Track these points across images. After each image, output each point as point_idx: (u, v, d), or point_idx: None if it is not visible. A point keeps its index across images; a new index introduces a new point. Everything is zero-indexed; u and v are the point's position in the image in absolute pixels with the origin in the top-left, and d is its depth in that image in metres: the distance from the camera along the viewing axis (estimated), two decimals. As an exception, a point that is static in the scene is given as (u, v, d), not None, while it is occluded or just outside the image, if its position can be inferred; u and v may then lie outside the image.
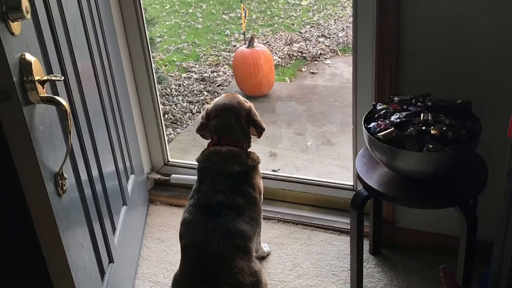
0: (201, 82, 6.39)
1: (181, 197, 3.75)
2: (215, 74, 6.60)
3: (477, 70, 2.61)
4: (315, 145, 4.76)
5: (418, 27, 2.63)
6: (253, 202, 2.67)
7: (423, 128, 2.29)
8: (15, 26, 1.59)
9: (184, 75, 6.59)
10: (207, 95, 6.04)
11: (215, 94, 6.07)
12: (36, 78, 1.66)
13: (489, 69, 2.59)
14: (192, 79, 6.48)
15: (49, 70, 1.95)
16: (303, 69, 6.58)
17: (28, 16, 1.60)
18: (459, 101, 2.45)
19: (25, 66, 1.63)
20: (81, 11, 2.50)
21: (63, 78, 1.87)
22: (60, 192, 1.88)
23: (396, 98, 2.56)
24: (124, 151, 3.12)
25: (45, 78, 1.72)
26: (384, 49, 2.72)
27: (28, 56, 1.65)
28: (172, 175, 3.84)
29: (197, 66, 6.85)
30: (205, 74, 6.57)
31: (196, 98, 5.98)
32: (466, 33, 2.56)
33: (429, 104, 2.45)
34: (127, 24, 3.41)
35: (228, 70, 6.63)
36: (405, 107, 2.48)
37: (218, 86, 6.30)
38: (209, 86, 6.28)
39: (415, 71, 2.73)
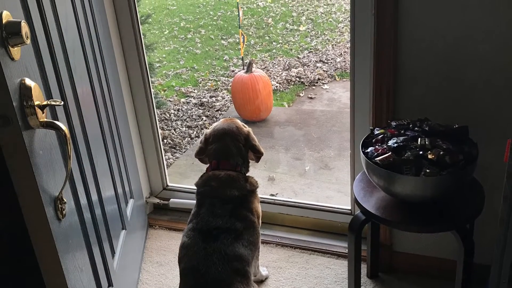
0: (199, 107, 6.40)
1: (180, 221, 3.75)
2: (213, 99, 6.61)
3: (474, 95, 2.63)
4: (313, 169, 4.76)
5: (415, 52, 2.65)
6: (252, 226, 2.67)
7: (421, 152, 2.31)
8: (15, 52, 1.61)
9: (183, 100, 6.61)
10: (205, 120, 6.06)
11: (214, 119, 6.08)
12: (36, 103, 1.67)
13: (486, 94, 2.60)
14: (191, 104, 6.49)
15: (48, 95, 1.96)
16: (301, 94, 6.60)
17: (28, 41, 1.62)
18: (456, 125, 2.46)
19: (25, 91, 1.64)
20: (80, 36, 2.52)
21: (62, 103, 1.88)
22: (60, 216, 1.88)
23: (393, 123, 2.58)
24: (123, 175, 3.13)
25: (45, 103, 1.73)
26: (382, 74, 2.73)
27: (28, 81, 1.66)
28: (171, 200, 3.85)
29: (195, 91, 6.87)
30: (204, 99, 6.59)
31: (195, 123, 6.00)
32: (463, 58, 2.58)
33: (426, 128, 2.47)
34: (126, 49, 3.43)
35: (227, 95, 6.65)
36: (402, 131, 2.49)
37: (217, 111, 6.31)
38: (208, 111, 6.30)
39: (413, 95, 2.74)
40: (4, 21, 1.54)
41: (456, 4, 2.50)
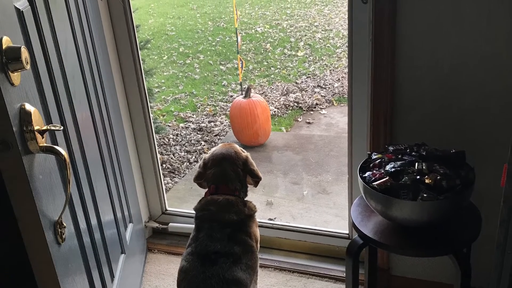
0: (198, 132, 6.42)
1: (178, 245, 3.75)
2: (212, 124, 6.63)
3: (470, 120, 2.65)
4: (311, 194, 4.77)
5: (412, 78, 2.68)
6: (250, 251, 2.68)
7: (418, 177, 2.32)
8: (15, 77, 1.62)
9: (181, 125, 6.62)
10: (204, 145, 6.06)
11: (212, 144, 6.09)
12: (36, 128, 1.68)
13: (482, 120, 2.63)
14: (190, 129, 6.51)
15: (48, 120, 1.97)
16: (299, 119, 6.61)
17: (28, 66, 1.63)
18: (453, 150, 2.48)
19: (25, 116, 1.65)
20: (80, 62, 2.53)
21: (62, 128, 1.88)
22: (60, 241, 1.89)
23: (391, 148, 2.59)
24: (123, 199, 3.13)
25: (45, 128, 1.74)
26: (379, 99, 2.76)
27: (28, 106, 1.67)
28: (170, 224, 3.86)
29: (194, 116, 6.88)
30: (203, 124, 6.60)
31: (194, 148, 6.00)
32: (460, 84, 2.60)
33: (424, 153, 2.48)
34: (126, 74, 3.45)
35: (225, 120, 6.66)
36: (399, 156, 2.50)
37: (215, 136, 6.32)
38: (206, 136, 6.31)
39: (410, 120, 2.76)
40: (4, 46, 1.55)
41: (452, 31, 2.53)
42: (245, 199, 2.85)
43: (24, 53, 1.60)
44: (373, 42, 2.68)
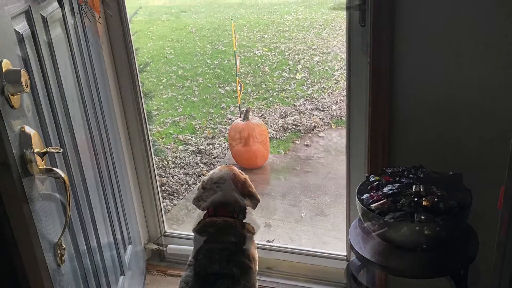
0: (197, 155, 6.42)
1: (177, 267, 3.75)
2: (211, 146, 6.64)
3: (467, 142, 2.66)
4: (309, 216, 4.77)
5: (410, 101, 2.69)
6: (249, 272, 2.68)
7: (415, 199, 2.33)
8: (15, 100, 1.63)
9: (180, 147, 6.63)
10: (203, 167, 6.07)
11: (211, 166, 6.09)
12: (36, 150, 1.69)
13: (479, 142, 2.64)
14: (189, 151, 6.52)
15: (48, 142, 1.98)
16: (297, 142, 6.62)
17: (28, 89, 1.64)
18: (451, 172, 2.49)
19: (25, 139, 1.66)
20: (79, 85, 2.55)
21: (62, 150, 1.90)
22: (59, 262, 1.89)
23: (388, 170, 2.60)
24: (122, 221, 3.13)
25: (44, 150, 1.75)
26: (377, 122, 2.77)
27: (28, 129, 1.69)
28: (169, 246, 3.85)
29: (193, 138, 6.89)
30: (201, 147, 6.61)
31: (192, 170, 6.01)
32: (457, 106, 2.62)
33: (421, 176, 2.49)
34: (125, 97, 3.46)
35: (224, 143, 6.67)
36: (397, 178, 2.52)
37: (214, 158, 6.33)
38: (205, 158, 6.31)
39: (408, 143, 2.78)
40: (4, 69, 1.57)
41: (450, 56, 2.55)
42: (243, 221, 2.86)
43: (24, 76, 1.61)
44: (371, 65, 2.70)
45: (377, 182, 2.54)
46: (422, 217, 2.25)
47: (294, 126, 6.96)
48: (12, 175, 1.62)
